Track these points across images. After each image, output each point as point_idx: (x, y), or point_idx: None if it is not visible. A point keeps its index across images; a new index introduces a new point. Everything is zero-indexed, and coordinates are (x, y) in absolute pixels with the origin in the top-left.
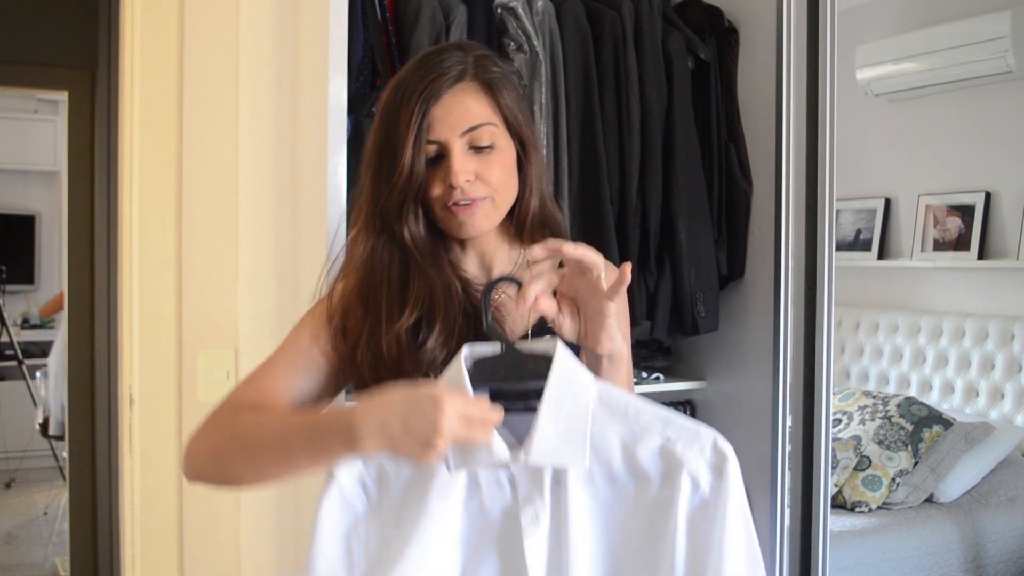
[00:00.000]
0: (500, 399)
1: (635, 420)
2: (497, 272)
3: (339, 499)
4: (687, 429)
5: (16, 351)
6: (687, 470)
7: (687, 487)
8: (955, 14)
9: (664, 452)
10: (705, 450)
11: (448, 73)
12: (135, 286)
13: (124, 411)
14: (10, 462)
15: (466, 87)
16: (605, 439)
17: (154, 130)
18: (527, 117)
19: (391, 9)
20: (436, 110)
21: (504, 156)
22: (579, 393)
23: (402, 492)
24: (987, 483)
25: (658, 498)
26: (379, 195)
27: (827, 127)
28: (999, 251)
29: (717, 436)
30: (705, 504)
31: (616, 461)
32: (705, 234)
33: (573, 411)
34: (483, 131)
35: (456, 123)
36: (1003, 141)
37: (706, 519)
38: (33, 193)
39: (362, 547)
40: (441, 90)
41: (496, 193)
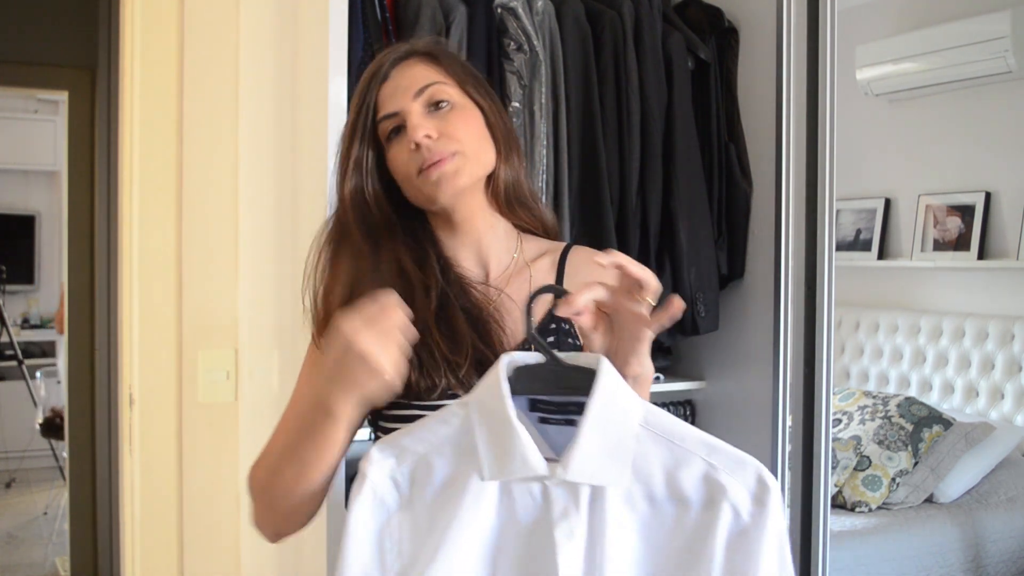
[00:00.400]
0: (539, 409)
1: (679, 444)
2: (494, 266)
3: (371, 497)
4: (732, 457)
5: (16, 351)
6: (729, 499)
7: (728, 515)
8: (955, 14)
9: (707, 479)
10: (748, 480)
11: (393, 53)
12: (135, 286)
13: (124, 411)
14: (10, 462)
15: (410, 62)
16: (647, 460)
17: (154, 130)
18: (485, 88)
19: (391, 9)
20: (384, 88)
21: (466, 114)
22: (624, 411)
23: (436, 494)
24: (987, 483)
25: (698, 524)
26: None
27: (827, 127)
28: (999, 251)
29: (761, 467)
30: (744, 534)
31: (657, 484)
32: (705, 234)
33: (616, 429)
34: (434, 89)
35: (406, 89)
36: (1003, 141)
37: (744, 549)
38: (33, 193)
39: (395, 547)
40: (386, 69)
41: (465, 147)
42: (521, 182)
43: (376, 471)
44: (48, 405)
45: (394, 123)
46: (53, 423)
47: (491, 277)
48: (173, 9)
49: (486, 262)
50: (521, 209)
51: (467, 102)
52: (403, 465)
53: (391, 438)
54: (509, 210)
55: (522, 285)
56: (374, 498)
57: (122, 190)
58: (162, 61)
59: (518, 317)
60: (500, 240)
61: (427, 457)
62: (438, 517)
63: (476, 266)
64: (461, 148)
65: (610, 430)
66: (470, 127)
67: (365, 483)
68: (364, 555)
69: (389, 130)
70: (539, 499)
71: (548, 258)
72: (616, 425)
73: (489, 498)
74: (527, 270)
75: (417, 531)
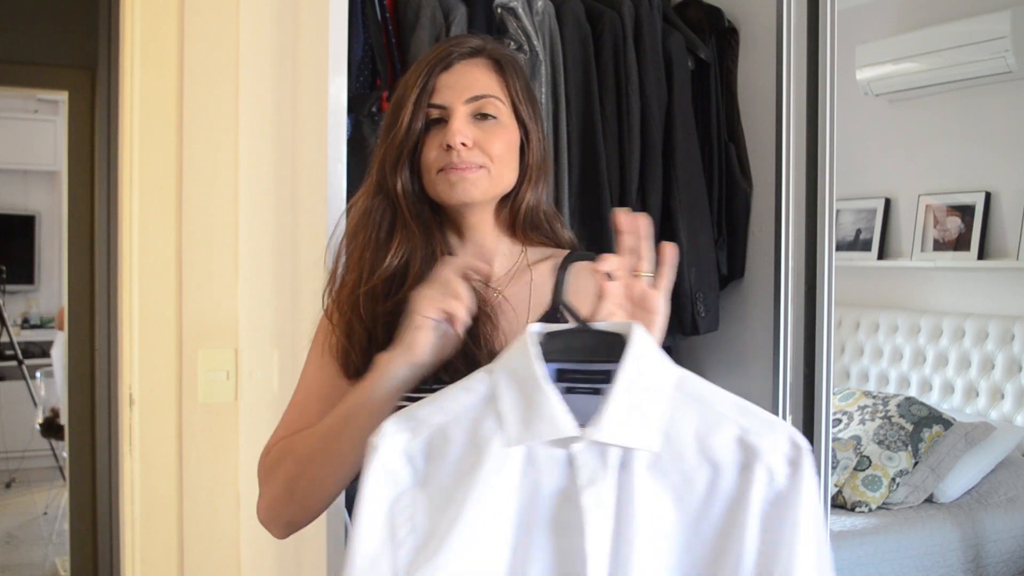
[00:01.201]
0: (567, 379)
1: (711, 407)
2: (496, 270)
3: (381, 472)
4: (764, 420)
5: (16, 351)
6: (763, 461)
7: (763, 479)
8: (955, 14)
9: (740, 442)
10: (781, 442)
11: (464, 46)
12: (135, 286)
13: (124, 411)
14: (10, 462)
15: (478, 61)
16: (679, 425)
17: (154, 130)
18: (536, 114)
19: (391, 9)
20: (445, 76)
21: (507, 133)
22: (657, 374)
23: (454, 466)
24: (987, 483)
25: (731, 488)
26: (381, 155)
27: (827, 127)
28: (999, 251)
29: (792, 429)
30: (780, 498)
31: (689, 448)
32: (705, 234)
33: (649, 391)
34: (488, 102)
35: (463, 90)
36: (1003, 141)
37: (779, 513)
38: (33, 193)
39: (407, 523)
40: (453, 59)
41: (493, 165)
42: (540, 209)
43: (387, 445)
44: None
45: (438, 114)
46: (53, 423)
47: (493, 277)
48: (173, 9)
49: (489, 262)
50: (533, 233)
51: (512, 122)
52: (418, 438)
53: (407, 410)
54: (522, 233)
55: (522, 288)
56: (384, 474)
57: (122, 190)
58: (162, 61)
59: (514, 318)
60: (504, 254)
61: (445, 428)
62: (456, 488)
63: None
64: (489, 164)
65: (643, 391)
66: (505, 146)
67: (375, 457)
68: (374, 535)
69: (432, 117)
70: (565, 466)
71: (550, 263)
72: (649, 386)
73: (512, 466)
74: (528, 273)
75: (434, 504)
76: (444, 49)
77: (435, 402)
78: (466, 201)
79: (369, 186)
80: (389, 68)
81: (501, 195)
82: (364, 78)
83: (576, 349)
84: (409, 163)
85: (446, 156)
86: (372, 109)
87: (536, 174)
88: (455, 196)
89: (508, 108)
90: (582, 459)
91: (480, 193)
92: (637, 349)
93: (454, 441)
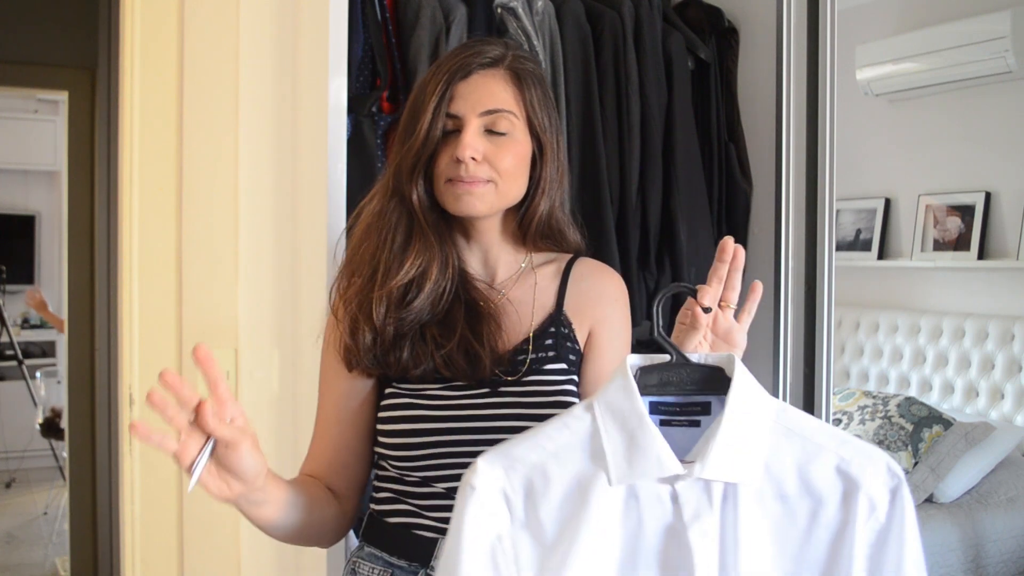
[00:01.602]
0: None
1: (810, 439)
2: (500, 273)
3: (481, 512)
4: (861, 450)
5: (16, 351)
6: (864, 492)
7: (865, 509)
8: (955, 14)
9: (840, 472)
10: (880, 472)
11: (484, 55)
12: (135, 286)
13: (124, 411)
14: (10, 462)
15: (496, 73)
16: (780, 457)
17: (154, 130)
18: (553, 123)
19: (391, 9)
20: (462, 85)
21: (518, 148)
22: (758, 408)
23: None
24: (987, 483)
25: (833, 519)
26: (398, 160)
27: (827, 127)
28: (999, 251)
29: (889, 459)
30: (882, 528)
31: (790, 480)
32: (705, 234)
33: (752, 425)
34: (501, 117)
35: (478, 102)
36: (1003, 141)
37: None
38: (33, 193)
39: (511, 564)
40: (472, 68)
41: (501, 180)
42: (553, 218)
43: (483, 484)
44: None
45: (452, 124)
46: (53, 423)
47: (496, 280)
48: (173, 9)
49: (493, 272)
50: (542, 241)
51: (525, 137)
52: (513, 477)
53: (500, 448)
54: (530, 241)
55: (526, 290)
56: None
57: (122, 190)
58: (162, 61)
59: (517, 319)
60: (509, 251)
61: (543, 466)
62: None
63: (482, 268)
64: (497, 179)
65: (747, 426)
66: (515, 161)
67: (473, 495)
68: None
69: (446, 127)
70: (668, 503)
71: (554, 266)
72: (752, 421)
73: (615, 504)
74: (532, 275)
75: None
76: (464, 57)
77: (528, 439)
78: (471, 214)
79: (384, 186)
80: (389, 68)
81: (507, 207)
82: (364, 78)
83: (675, 384)
84: (425, 171)
85: (455, 168)
86: (372, 109)
87: (550, 185)
88: (460, 209)
89: (522, 123)
90: (686, 495)
91: (485, 208)
92: (740, 384)
93: (555, 479)
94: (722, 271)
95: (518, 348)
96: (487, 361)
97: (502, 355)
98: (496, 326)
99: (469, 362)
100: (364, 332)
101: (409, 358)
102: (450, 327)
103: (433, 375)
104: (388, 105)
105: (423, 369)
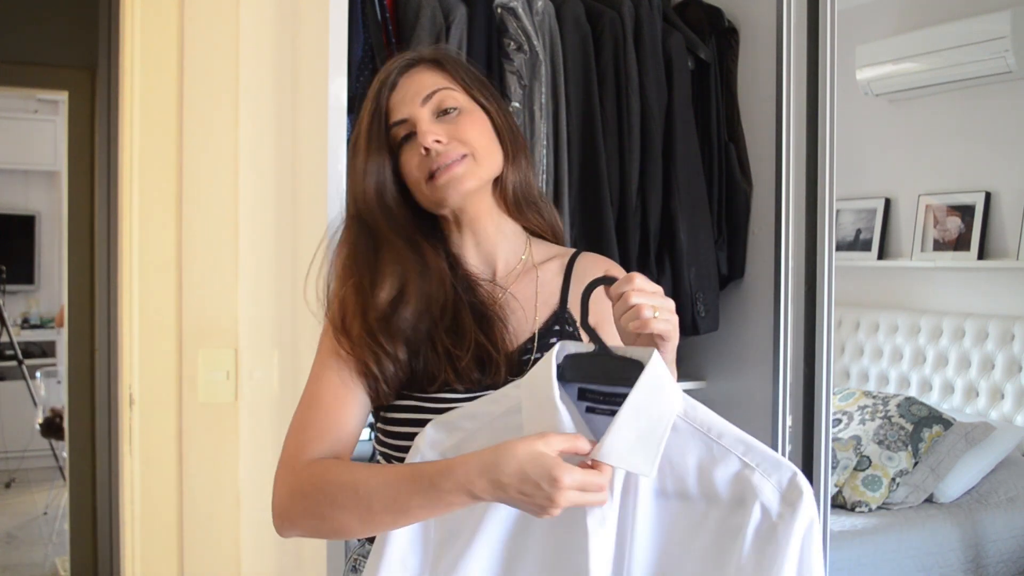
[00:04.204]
0: (587, 399)
1: (716, 441)
2: (502, 266)
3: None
4: (769, 459)
5: (16, 351)
6: (760, 500)
7: (757, 516)
8: (955, 14)
9: (740, 478)
10: (783, 482)
11: (399, 61)
12: (135, 286)
13: (124, 411)
14: (10, 462)
15: (418, 68)
16: (684, 455)
17: (154, 130)
18: (491, 92)
19: (391, 9)
20: (393, 96)
21: (474, 117)
22: (664, 403)
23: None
24: (987, 483)
25: (728, 522)
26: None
27: (827, 127)
28: (999, 251)
29: (797, 471)
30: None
31: (691, 478)
32: (705, 234)
33: (653, 419)
34: (442, 95)
35: (414, 96)
36: (1003, 141)
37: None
38: (33, 193)
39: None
40: (394, 79)
41: (476, 150)
42: (530, 183)
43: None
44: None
45: (405, 129)
46: (53, 423)
47: (498, 276)
48: (173, 9)
49: (493, 262)
50: (529, 211)
51: (474, 106)
52: (451, 440)
53: (444, 417)
54: (518, 211)
55: (528, 286)
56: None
57: (122, 190)
58: (162, 61)
59: (522, 316)
60: (508, 241)
61: (475, 433)
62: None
63: (483, 265)
64: (470, 151)
65: (647, 418)
66: (479, 130)
67: (417, 455)
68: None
69: (400, 136)
70: None
71: (556, 262)
72: (654, 414)
73: None
74: (534, 271)
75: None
76: (383, 73)
77: (467, 409)
78: (463, 194)
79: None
80: None
81: (493, 177)
82: (364, 78)
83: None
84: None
85: (427, 161)
86: None
87: (513, 150)
88: (450, 196)
89: (463, 95)
90: None
91: (474, 181)
92: (650, 376)
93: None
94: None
95: (523, 347)
96: (501, 367)
97: (511, 355)
98: (504, 326)
99: (482, 371)
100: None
101: (424, 373)
102: (461, 336)
103: (444, 386)
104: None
105: (439, 383)
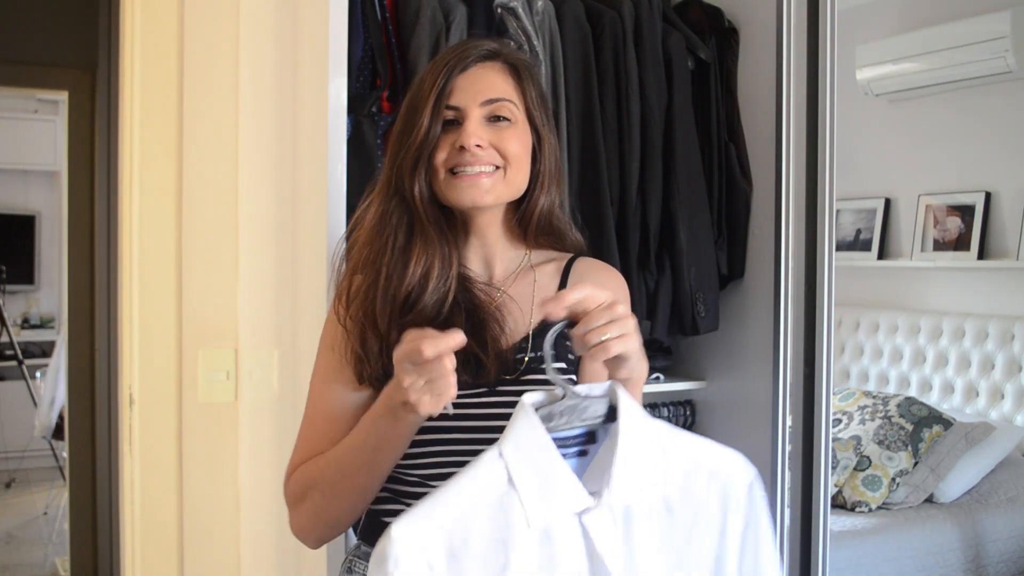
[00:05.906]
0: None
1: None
2: (500, 270)
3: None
4: (721, 453)
5: (16, 351)
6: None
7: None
8: (955, 14)
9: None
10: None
11: (480, 48)
12: (135, 286)
13: (124, 411)
14: (10, 462)
15: (495, 65)
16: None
17: (154, 130)
18: (549, 120)
19: (391, 9)
20: (461, 79)
21: (522, 135)
22: (645, 431)
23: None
24: (987, 483)
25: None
26: (397, 157)
27: (827, 127)
28: (999, 251)
29: (741, 455)
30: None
31: (674, 492)
32: (705, 234)
33: (642, 449)
34: (502, 105)
35: (478, 92)
36: (1003, 141)
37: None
38: (33, 193)
39: None
40: (469, 62)
41: (510, 166)
42: (553, 215)
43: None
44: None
45: (452, 115)
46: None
47: (495, 278)
48: (173, 9)
49: (491, 264)
50: (543, 238)
51: (526, 127)
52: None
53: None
54: (531, 237)
55: (526, 287)
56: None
57: (122, 190)
58: (162, 61)
59: (519, 316)
60: (508, 250)
61: (460, 522)
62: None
63: (481, 266)
64: (505, 165)
65: (639, 449)
66: (522, 145)
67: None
68: None
69: (446, 119)
70: (580, 537)
71: (554, 264)
72: (642, 444)
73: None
74: (532, 273)
75: None
76: (461, 51)
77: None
78: (477, 205)
79: (382, 188)
80: (389, 68)
81: (512, 199)
82: (364, 78)
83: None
84: (426, 166)
85: (457, 156)
86: (372, 109)
87: (549, 180)
88: (465, 200)
89: (522, 113)
90: (595, 526)
91: (491, 198)
92: (627, 411)
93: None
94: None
95: (517, 346)
96: (491, 368)
97: (504, 354)
98: (499, 329)
99: (471, 373)
100: (372, 342)
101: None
102: None
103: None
104: (388, 105)
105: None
